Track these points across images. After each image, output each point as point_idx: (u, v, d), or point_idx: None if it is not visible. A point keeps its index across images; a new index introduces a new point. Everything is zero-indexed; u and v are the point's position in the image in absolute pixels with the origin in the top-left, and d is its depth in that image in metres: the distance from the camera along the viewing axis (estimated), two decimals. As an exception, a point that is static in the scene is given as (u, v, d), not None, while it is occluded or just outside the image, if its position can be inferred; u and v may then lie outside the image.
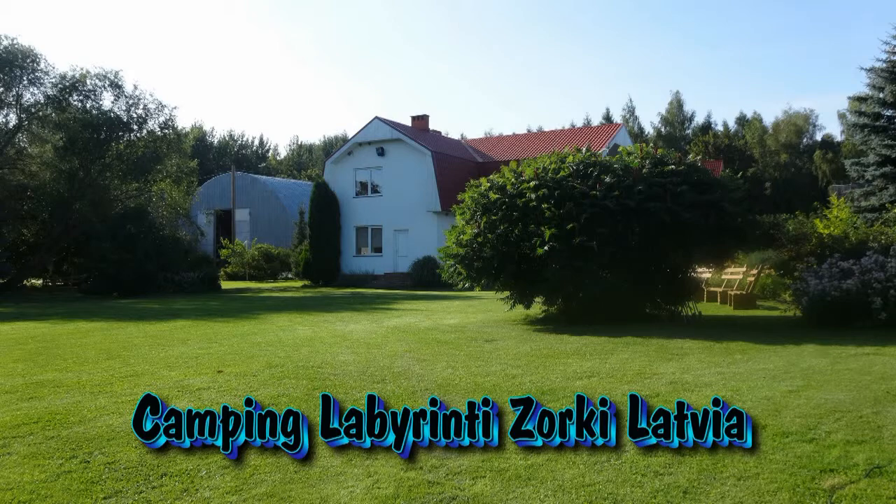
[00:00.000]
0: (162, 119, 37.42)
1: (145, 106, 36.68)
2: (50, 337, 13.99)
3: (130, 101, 36.31)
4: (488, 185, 15.49)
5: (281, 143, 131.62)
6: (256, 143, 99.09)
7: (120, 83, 36.15)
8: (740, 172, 17.98)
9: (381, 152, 38.00)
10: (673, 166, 14.47)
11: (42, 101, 35.48)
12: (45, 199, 33.58)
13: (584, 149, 15.76)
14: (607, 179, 14.08)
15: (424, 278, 33.28)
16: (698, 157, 16.14)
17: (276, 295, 29.63)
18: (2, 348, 12.33)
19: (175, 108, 69.04)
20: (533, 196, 14.22)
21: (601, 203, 13.77)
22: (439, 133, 43.86)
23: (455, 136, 50.32)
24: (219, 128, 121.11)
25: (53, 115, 35.21)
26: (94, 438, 6.02)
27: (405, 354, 10.76)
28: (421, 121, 41.73)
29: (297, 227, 45.64)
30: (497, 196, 14.87)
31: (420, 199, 36.14)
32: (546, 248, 13.74)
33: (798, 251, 15.23)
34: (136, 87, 43.96)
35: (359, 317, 17.76)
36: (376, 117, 38.48)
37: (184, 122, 50.64)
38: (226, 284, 36.36)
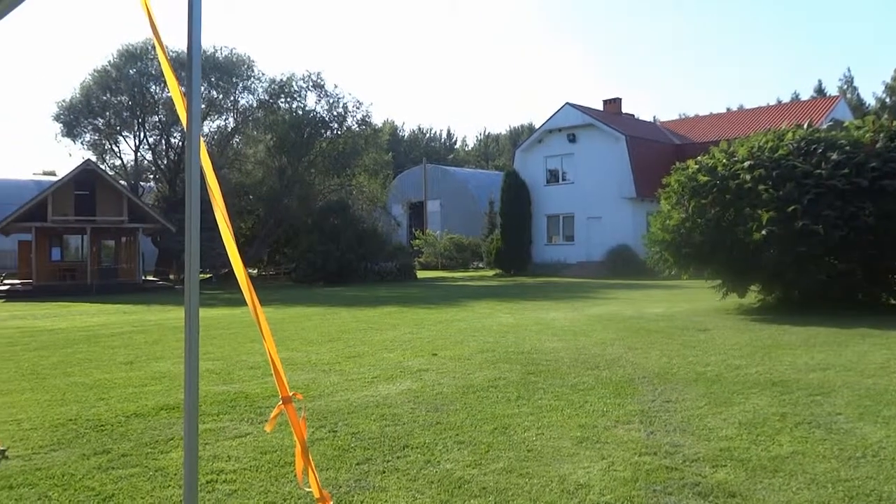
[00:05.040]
0: (359, 116, 39.58)
1: (344, 104, 38.97)
2: (276, 321, 15.20)
3: (331, 101, 38.75)
4: (696, 167, 14.77)
5: (468, 135, 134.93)
6: (444, 135, 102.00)
7: (322, 83, 38.66)
8: None
9: (572, 139, 37.49)
10: (917, 138, 13.01)
11: (254, 105, 38.79)
12: (260, 195, 36.69)
13: (805, 125, 14.59)
14: (834, 157, 12.93)
15: (619, 267, 32.44)
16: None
17: (470, 284, 30.30)
18: (238, 330, 13.58)
19: (371, 104, 72.79)
20: (748, 177, 13.38)
21: (827, 183, 12.68)
22: (632, 116, 42.56)
23: (647, 119, 48.48)
24: (408, 122, 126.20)
25: (264, 117, 38.33)
26: (336, 411, 6.45)
27: (614, 342, 10.57)
28: (613, 104, 40.64)
29: (487, 216, 46.32)
30: (707, 178, 14.14)
31: (613, 186, 35.26)
32: (763, 232, 12.87)
33: None
34: (335, 87, 46.81)
35: (558, 305, 17.70)
36: (567, 103, 38.01)
37: (376, 119, 53.34)
38: (420, 274, 37.71)
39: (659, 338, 10.95)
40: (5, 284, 28.50)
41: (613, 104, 40.68)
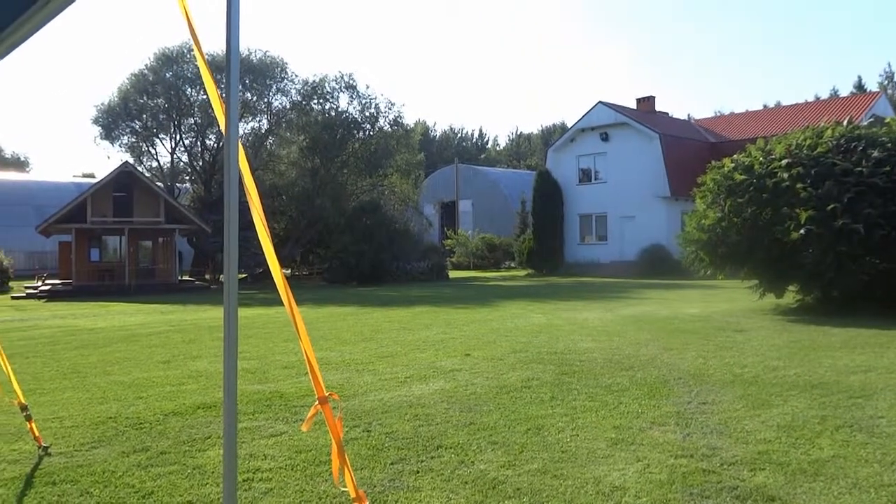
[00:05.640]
0: (391, 116, 39.74)
1: (376, 105, 39.14)
2: (310, 320, 15.33)
3: (363, 101, 38.95)
4: (732, 165, 14.56)
5: (499, 134, 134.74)
6: (476, 135, 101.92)
7: (354, 84, 38.88)
8: None
9: (604, 137, 37.22)
10: (963, 136, 12.69)
11: (288, 107, 39.15)
12: (293, 195, 37.00)
13: (845, 122, 14.30)
14: (875, 154, 12.66)
15: (653, 267, 32.11)
16: None
17: (502, 284, 30.23)
18: (274, 330, 13.72)
19: (403, 105, 72.97)
20: (785, 175, 13.16)
21: (868, 180, 12.42)
22: (666, 114, 42.08)
23: (681, 117, 47.89)
24: (440, 122, 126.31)
25: (297, 118, 38.64)
26: (370, 411, 6.48)
27: (649, 343, 10.46)
28: (646, 103, 40.23)
29: (519, 216, 46.17)
30: (743, 177, 13.93)
31: (647, 185, 34.91)
32: (802, 231, 12.65)
33: None
34: (367, 88, 47.06)
35: (590, 305, 17.58)
36: (600, 102, 37.75)
37: (408, 119, 53.67)
38: (451, 273, 37.72)
39: (694, 339, 10.82)
40: (46, 285, 29.10)
41: (647, 102, 40.29)
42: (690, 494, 4.27)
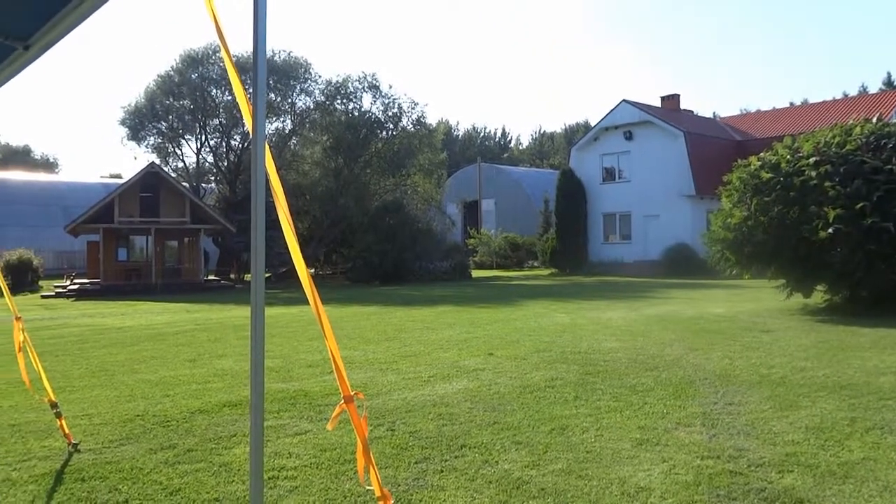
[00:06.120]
0: (414, 116, 39.81)
1: (399, 105, 39.22)
2: (334, 319, 15.39)
3: (386, 101, 39.07)
4: (759, 163, 14.40)
5: (522, 133, 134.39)
6: (498, 134, 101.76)
7: (377, 84, 39.01)
8: None
9: (628, 136, 36.96)
10: None
11: (311, 107, 39.37)
12: (316, 195, 37.19)
13: (875, 119, 14.08)
14: (905, 152, 12.46)
15: (677, 266, 31.84)
16: None
17: (525, 283, 30.15)
18: (298, 329, 13.80)
19: (426, 104, 72.99)
20: (813, 174, 12.99)
21: (899, 179, 12.24)
22: (691, 112, 41.68)
23: (706, 115, 47.44)
24: (463, 122, 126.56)
25: (320, 118, 38.83)
26: (394, 410, 6.50)
27: (674, 343, 10.38)
28: (671, 101, 39.89)
29: (542, 215, 45.98)
30: (770, 175, 13.77)
31: (672, 184, 34.61)
32: (830, 230, 12.47)
33: None
34: (390, 87, 47.21)
35: (614, 304, 17.48)
36: (624, 100, 37.50)
37: (431, 119, 54.03)
38: (474, 273, 37.68)
39: (720, 339, 10.72)
40: (75, 284, 29.52)
41: (671, 100, 39.95)
42: (717, 496, 4.24)
